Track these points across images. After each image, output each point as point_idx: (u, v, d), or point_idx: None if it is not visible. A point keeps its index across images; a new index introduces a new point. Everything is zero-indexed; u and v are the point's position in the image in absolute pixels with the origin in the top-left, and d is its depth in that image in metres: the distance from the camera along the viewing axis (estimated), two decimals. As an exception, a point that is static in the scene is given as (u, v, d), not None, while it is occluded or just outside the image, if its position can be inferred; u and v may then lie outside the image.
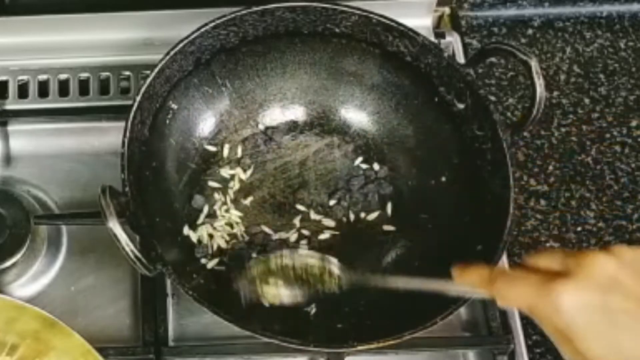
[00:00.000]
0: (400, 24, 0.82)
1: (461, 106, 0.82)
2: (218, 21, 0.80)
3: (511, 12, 1.01)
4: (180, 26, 0.83)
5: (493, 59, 0.97)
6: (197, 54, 0.81)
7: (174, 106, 0.82)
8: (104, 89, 0.92)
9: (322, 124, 0.88)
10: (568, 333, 0.56)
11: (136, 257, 0.68)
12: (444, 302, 0.73)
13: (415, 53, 0.83)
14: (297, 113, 0.88)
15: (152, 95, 0.79)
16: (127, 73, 0.93)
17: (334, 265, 0.76)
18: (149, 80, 0.77)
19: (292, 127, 0.88)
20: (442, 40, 0.96)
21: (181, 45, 0.79)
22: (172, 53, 0.79)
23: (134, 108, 0.76)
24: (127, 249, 0.68)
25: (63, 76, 0.93)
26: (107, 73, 0.93)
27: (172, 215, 0.81)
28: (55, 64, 0.93)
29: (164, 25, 0.91)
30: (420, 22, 0.95)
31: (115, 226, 0.68)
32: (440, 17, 0.99)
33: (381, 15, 0.82)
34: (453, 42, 0.97)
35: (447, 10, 0.99)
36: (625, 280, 0.56)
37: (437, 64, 0.82)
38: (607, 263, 0.57)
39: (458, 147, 0.83)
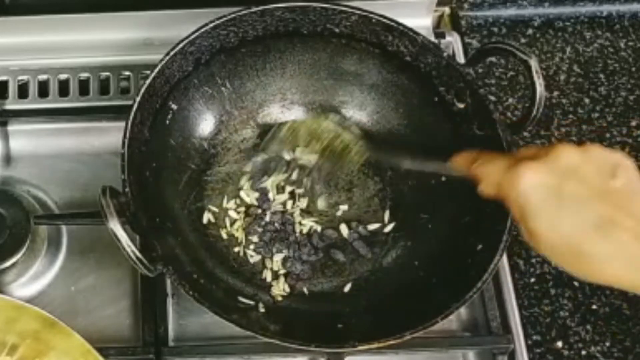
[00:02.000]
0: (400, 24, 0.82)
1: (461, 106, 0.82)
2: (218, 21, 0.80)
3: (511, 12, 1.01)
4: (180, 26, 0.83)
5: (493, 59, 0.97)
6: (197, 54, 0.81)
7: (174, 106, 0.82)
8: (104, 89, 0.92)
9: (322, 123, 0.89)
10: (523, 210, 0.61)
11: (137, 257, 0.68)
12: (444, 301, 0.73)
13: (415, 53, 0.83)
14: (297, 113, 0.88)
15: (152, 95, 0.79)
16: (127, 73, 0.93)
17: (356, 137, 0.81)
18: (149, 80, 0.78)
19: (292, 127, 0.88)
20: (442, 40, 0.96)
21: (181, 45, 0.79)
22: (172, 53, 0.79)
23: (134, 108, 0.76)
24: (128, 249, 0.68)
25: (63, 76, 0.93)
26: (107, 73, 0.93)
27: (173, 215, 0.81)
28: (55, 64, 0.93)
29: (164, 25, 0.91)
30: (420, 22, 0.95)
31: (116, 226, 0.68)
32: (440, 17, 0.99)
33: (381, 15, 0.82)
34: (453, 42, 0.97)
35: (447, 10, 0.99)
36: (585, 170, 0.61)
37: (437, 63, 0.82)
38: (573, 153, 0.61)
39: (458, 147, 0.83)
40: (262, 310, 0.78)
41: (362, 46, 0.84)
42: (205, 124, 0.86)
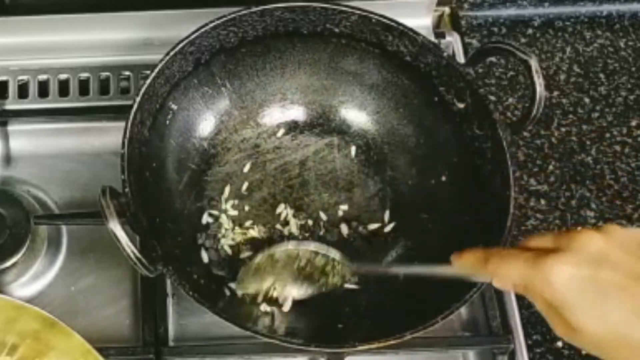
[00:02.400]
0: (400, 24, 0.82)
1: (461, 106, 0.82)
2: (218, 21, 0.80)
3: (511, 12, 1.01)
4: (180, 26, 0.83)
5: (493, 59, 0.97)
6: (197, 54, 0.81)
7: (174, 106, 0.82)
8: (104, 89, 0.93)
9: (322, 124, 0.89)
10: (559, 306, 0.58)
11: (137, 257, 0.68)
12: (444, 301, 0.73)
13: (415, 53, 0.83)
14: (297, 113, 0.88)
15: (152, 95, 0.79)
16: (127, 73, 0.93)
17: (337, 257, 0.77)
18: (149, 80, 0.77)
19: (292, 127, 0.88)
20: (442, 40, 0.96)
21: (181, 45, 0.79)
22: (172, 53, 0.79)
23: (134, 108, 0.76)
24: (128, 249, 0.68)
25: (63, 76, 0.93)
26: (107, 73, 0.93)
27: (173, 215, 0.81)
28: (55, 64, 0.93)
29: (164, 25, 0.91)
30: (420, 22, 0.95)
31: (115, 227, 0.68)
32: (440, 17, 0.99)
33: (381, 15, 0.82)
34: (453, 42, 0.97)
35: (447, 10, 0.99)
36: (615, 255, 0.58)
37: (437, 63, 0.82)
38: (598, 240, 0.59)
39: (458, 147, 0.83)
40: (262, 310, 0.78)
41: (362, 46, 0.84)
42: (205, 124, 0.86)
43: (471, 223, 0.80)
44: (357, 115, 0.88)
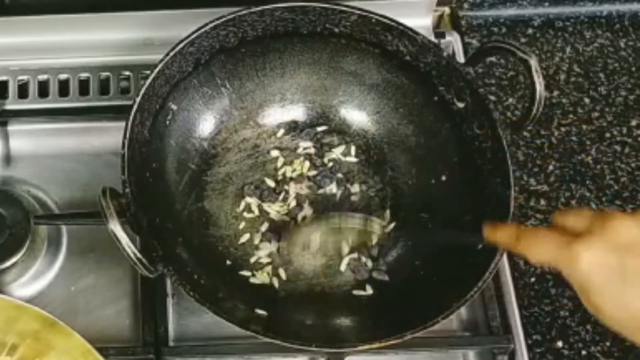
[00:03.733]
0: (400, 24, 0.82)
1: (461, 105, 0.82)
2: (217, 22, 0.80)
3: (511, 11, 1.01)
4: (180, 26, 0.83)
5: (493, 59, 0.97)
6: (197, 54, 0.81)
7: (174, 107, 0.82)
8: (104, 89, 0.93)
9: (322, 124, 0.88)
10: (585, 288, 0.60)
11: (137, 258, 0.68)
12: (444, 301, 0.73)
13: (414, 52, 0.83)
14: (297, 113, 0.88)
15: (152, 96, 0.79)
16: (127, 73, 0.93)
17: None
18: (148, 81, 0.77)
19: (292, 127, 0.88)
20: (442, 40, 0.96)
21: (181, 45, 0.79)
22: (172, 54, 0.79)
23: (134, 109, 0.76)
24: (128, 250, 0.68)
25: (63, 76, 0.93)
26: (107, 73, 0.93)
27: (173, 216, 0.81)
28: (55, 64, 0.93)
29: (164, 25, 0.91)
30: (420, 22, 0.95)
31: (116, 227, 0.68)
32: (440, 17, 0.99)
33: (380, 15, 0.82)
34: (453, 42, 0.97)
35: (447, 10, 0.99)
36: None
37: (437, 63, 0.82)
38: (631, 227, 0.60)
39: (458, 146, 0.83)
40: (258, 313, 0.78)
41: (362, 46, 0.84)
42: (205, 125, 0.86)
43: (471, 223, 0.80)
44: (357, 115, 0.88)
